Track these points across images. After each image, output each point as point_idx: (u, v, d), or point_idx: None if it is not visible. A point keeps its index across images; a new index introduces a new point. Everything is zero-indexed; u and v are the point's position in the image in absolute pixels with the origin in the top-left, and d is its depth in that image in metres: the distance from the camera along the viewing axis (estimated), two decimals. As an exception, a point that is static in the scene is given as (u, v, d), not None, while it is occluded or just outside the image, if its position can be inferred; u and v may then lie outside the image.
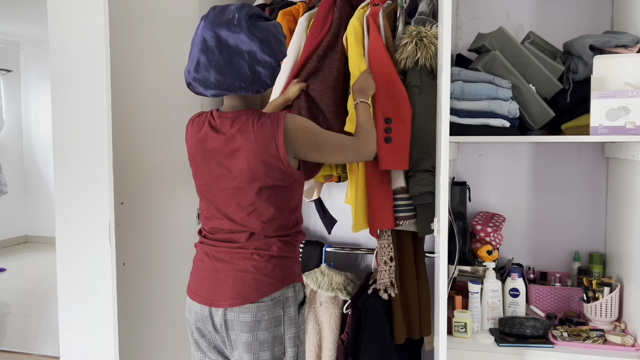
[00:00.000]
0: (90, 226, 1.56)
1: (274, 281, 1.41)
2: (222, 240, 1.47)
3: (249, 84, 1.37)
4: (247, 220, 1.43)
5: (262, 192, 1.41)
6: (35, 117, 6.26)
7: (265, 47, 1.35)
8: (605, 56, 1.78)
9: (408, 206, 1.90)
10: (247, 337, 1.39)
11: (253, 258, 1.42)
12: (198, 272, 1.49)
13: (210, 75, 1.36)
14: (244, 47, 1.34)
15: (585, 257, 2.19)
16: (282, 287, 1.42)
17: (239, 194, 1.42)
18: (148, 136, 1.82)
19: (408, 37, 1.80)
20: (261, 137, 1.38)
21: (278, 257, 1.44)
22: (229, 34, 1.34)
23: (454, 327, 1.85)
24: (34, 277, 4.88)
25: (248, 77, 1.36)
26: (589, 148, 2.20)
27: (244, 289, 1.39)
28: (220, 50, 1.34)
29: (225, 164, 1.42)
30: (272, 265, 1.42)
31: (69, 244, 1.59)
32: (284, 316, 1.42)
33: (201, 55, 1.36)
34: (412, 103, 1.83)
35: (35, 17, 4.83)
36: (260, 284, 1.40)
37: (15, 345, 3.32)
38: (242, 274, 1.41)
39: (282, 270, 1.44)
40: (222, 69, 1.35)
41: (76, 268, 1.58)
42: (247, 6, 1.38)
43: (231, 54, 1.34)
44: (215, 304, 1.41)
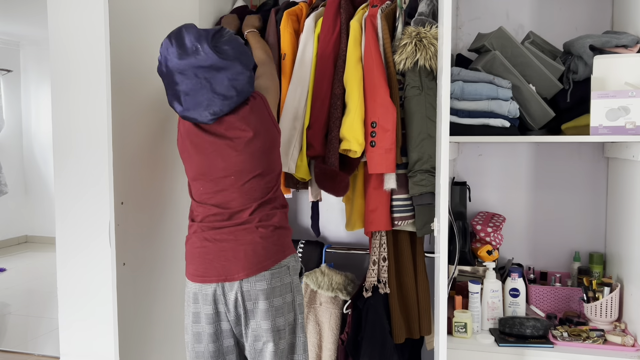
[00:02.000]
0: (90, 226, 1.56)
1: (281, 249, 1.53)
2: (221, 221, 1.53)
3: (236, 98, 1.49)
4: (250, 187, 1.53)
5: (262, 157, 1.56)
6: (35, 117, 6.26)
7: (237, 66, 1.47)
8: (605, 56, 1.78)
9: (406, 207, 1.91)
10: (263, 304, 1.47)
11: (259, 231, 1.51)
12: (201, 257, 1.53)
13: (202, 103, 1.47)
14: (217, 64, 1.45)
15: (585, 257, 2.19)
16: (287, 256, 1.54)
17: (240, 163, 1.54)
18: (148, 136, 1.82)
19: (407, 37, 1.80)
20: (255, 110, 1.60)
21: (279, 228, 1.55)
22: (200, 54, 1.44)
23: (454, 327, 1.85)
24: (34, 277, 4.88)
25: (234, 96, 1.48)
26: (589, 148, 2.20)
27: (256, 258, 1.49)
28: (195, 74, 1.45)
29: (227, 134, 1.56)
30: (277, 236, 1.54)
31: (69, 244, 1.58)
32: (292, 283, 1.54)
33: (184, 87, 1.46)
34: (411, 103, 1.83)
35: (35, 17, 4.82)
36: (270, 252, 1.51)
37: (15, 345, 3.32)
38: (251, 245, 1.50)
39: (284, 240, 1.56)
40: (208, 95, 1.46)
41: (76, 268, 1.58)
42: (202, 34, 1.46)
43: (209, 80, 1.45)
44: (229, 278, 1.48)
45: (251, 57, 1.53)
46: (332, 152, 1.88)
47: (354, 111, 1.84)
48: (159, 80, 1.90)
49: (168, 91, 1.51)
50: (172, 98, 1.50)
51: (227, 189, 1.53)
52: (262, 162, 1.54)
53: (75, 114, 1.55)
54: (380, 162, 1.82)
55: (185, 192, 2.02)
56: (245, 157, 1.51)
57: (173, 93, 1.49)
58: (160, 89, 1.91)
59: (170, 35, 1.47)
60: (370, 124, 1.84)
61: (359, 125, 1.83)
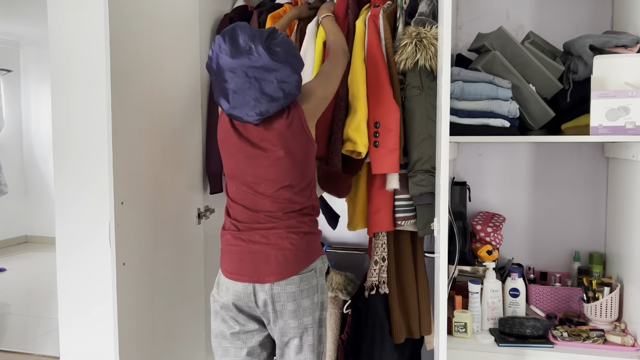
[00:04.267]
0: (90, 226, 1.56)
1: (309, 254, 1.59)
2: (252, 222, 1.58)
3: (283, 100, 1.49)
4: (279, 195, 1.56)
5: (294, 168, 1.57)
6: (35, 117, 6.25)
7: (287, 69, 1.47)
8: (605, 56, 1.78)
9: (408, 207, 1.91)
10: (292, 305, 1.55)
11: (290, 237, 1.57)
12: (234, 255, 1.59)
13: (249, 102, 1.48)
14: (270, 74, 1.46)
15: (585, 257, 2.19)
16: (315, 260, 1.60)
17: (273, 173, 1.57)
18: (148, 136, 1.82)
19: (408, 38, 1.80)
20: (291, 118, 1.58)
21: (309, 234, 1.61)
22: (254, 53, 1.45)
23: (454, 327, 1.85)
24: (34, 277, 4.88)
25: (281, 98, 1.48)
26: (589, 148, 2.20)
27: (287, 264, 1.55)
28: (245, 74, 1.46)
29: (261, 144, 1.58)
30: (306, 242, 1.59)
31: (68, 243, 1.59)
32: (318, 284, 1.60)
33: (232, 86, 1.48)
34: (412, 104, 1.83)
35: (35, 17, 4.82)
36: (300, 258, 1.57)
37: (15, 345, 3.32)
38: (282, 251, 1.55)
39: (313, 245, 1.62)
40: (256, 95, 1.47)
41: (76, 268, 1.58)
42: (257, 34, 1.47)
43: (259, 80, 1.46)
44: (261, 280, 1.54)
45: (301, 61, 1.54)
46: (335, 154, 1.88)
47: (360, 112, 1.83)
48: (159, 80, 1.90)
49: (215, 88, 1.52)
50: (219, 95, 1.51)
51: (259, 194, 1.57)
52: (292, 175, 1.56)
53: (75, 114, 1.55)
54: (384, 163, 1.82)
55: (185, 192, 2.02)
56: (275, 169, 1.55)
57: (221, 90, 1.50)
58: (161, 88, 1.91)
59: (224, 33, 1.48)
60: (373, 124, 1.83)
61: (365, 126, 1.83)
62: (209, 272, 2.16)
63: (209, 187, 2.19)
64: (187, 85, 2.06)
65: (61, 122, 1.56)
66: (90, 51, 1.52)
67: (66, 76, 1.54)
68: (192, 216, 2.06)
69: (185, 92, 2.06)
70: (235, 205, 1.62)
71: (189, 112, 2.08)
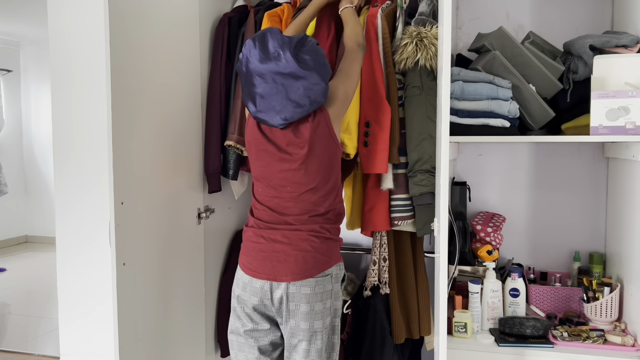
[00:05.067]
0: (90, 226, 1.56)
1: (328, 259, 1.59)
2: (275, 223, 1.61)
3: (309, 107, 1.51)
4: (304, 198, 1.58)
5: (320, 173, 1.59)
6: (35, 117, 6.25)
7: (315, 77, 1.49)
8: (605, 56, 1.78)
9: (406, 207, 1.91)
10: (305, 307, 1.56)
11: (311, 239, 1.58)
12: (255, 252, 1.62)
13: (275, 107, 1.50)
14: (297, 81, 1.49)
15: (585, 257, 2.19)
16: (333, 265, 1.61)
17: (298, 176, 1.58)
18: (148, 136, 1.82)
19: (408, 37, 1.80)
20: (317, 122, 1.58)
21: (330, 240, 1.61)
22: (282, 60, 1.47)
23: (454, 327, 1.85)
24: (34, 277, 4.88)
25: (306, 104, 1.50)
26: (589, 148, 2.20)
27: (305, 265, 1.56)
28: (276, 84, 1.49)
29: (288, 149, 1.60)
30: (326, 246, 1.60)
31: (69, 244, 1.59)
32: (332, 290, 1.60)
33: (260, 90, 1.51)
34: (412, 103, 1.83)
35: (35, 17, 4.82)
36: (318, 261, 1.58)
37: (15, 345, 3.32)
38: (302, 252, 1.57)
39: (332, 251, 1.62)
40: (282, 101, 1.50)
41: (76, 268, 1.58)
42: (286, 41, 1.49)
43: (286, 87, 1.49)
44: (278, 279, 1.56)
45: (329, 69, 1.56)
46: None
47: (349, 114, 1.84)
48: (159, 79, 1.90)
49: (244, 90, 1.55)
50: (247, 98, 1.54)
51: (284, 197, 1.59)
52: (318, 177, 1.58)
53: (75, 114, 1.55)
54: (373, 162, 1.82)
55: (185, 192, 2.02)
56: (301, 172, 1.56)
57: (249, 93, 1.53)
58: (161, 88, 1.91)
59: (255, 38, 1.51)
60: (364, 124, 1.83)
61: (355, 127, 1.83)
62: (209, 272, 2.16)
63: (208, 187, 2.19)
64: (187, 85, 2.06)
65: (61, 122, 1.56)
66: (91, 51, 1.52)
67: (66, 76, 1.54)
68: (192, 216, 2.06)
69: (185, 91, 2.06)
70: (260, 206, 1.64)
71: (189, 111, 2.08)
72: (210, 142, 2.17)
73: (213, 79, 2.20)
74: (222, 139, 2.18)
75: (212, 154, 2.15)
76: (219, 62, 2.20)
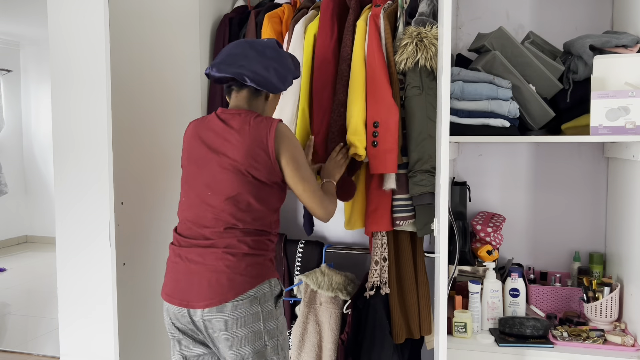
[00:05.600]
0: (90, 226, 1.56)
1: (249, 279, 1.45)
2: (193, 238, 1.51)
3: (279, 81, 1.56)
4: (224, 208, 1.48)
5: (245, 182, 1.49)
6: (35, 117, 6.25)
7: (285, 60, 1.59)
8: (605, 56, 1.78)
9: (407, 207, 1.91)
10: (225, 334, 1.44)
11: (226, 257, 1.45)
12: (173, 274, 1.53)
13: (241, 69, 1.53)
14: (268, 53, 1.57)
15: (585, 257, 2.19)
16: (258, 284, 1.46)
17: (222, 181, 1.49)
18: (148, 136, 1.82)
19: (408, 37, 1.80)
20: (255, 130, 1.50)
21: (250, 255, 1.47)
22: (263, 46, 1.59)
23: (454, 327, 1.85)
24: (34, 277, 4.88)
25: (280, 75, 1.56)
26: (589, 148, 2.20)
27: (220, 288, 1.43)
28: (253, 50, 1.57)
29: (220, 149, 1.51)
30: (245, 264, 1.46)
31: (69, 244, 1.59)
32: (262, 312, 1.46)
33: (234, 51, 1.57)
34: (412, 103, 1.83)
35: (35, 17, 4.82)
36: (235, 282, 1.44)
37: (15, 345, 3.32)
38: (216, 274, 1.44)
39: (255, 268, 1.47)
40: (250, 61, 1.54)
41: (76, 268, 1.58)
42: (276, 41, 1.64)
43: (259, 55, 1.56)
44: (191, 305, 1.45)
45: (298, 71, 1.67)
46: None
47: (356, 115, 1.84)
48: (159, 80, 1.90)
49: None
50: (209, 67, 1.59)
51: (202, 205, 1.50)
52: (243, 188, 1.48)
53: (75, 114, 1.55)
54: (382, 163, 1.82)
55: (185, 192, 2.02)
56: (223, 177, 1.48)
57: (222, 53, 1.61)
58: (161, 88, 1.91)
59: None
60: (372, 124, 1.83)
61: (362, 128, 1.83)
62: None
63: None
64: (187, 85, 2.06)
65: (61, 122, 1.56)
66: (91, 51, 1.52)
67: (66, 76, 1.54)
68: (192, 216, 2.06)
69: (185, 92, 2.06)
70: (181, 216, 1.57)
71: (189, 112, 2.08)
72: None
73: (213, 79, 2.20)
74: (222, 139, 2.18)
75: (212, 154, 2.15)
76: (219, 62, 2.20)
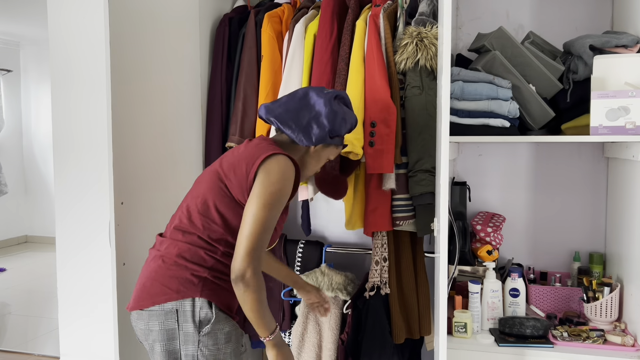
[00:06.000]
0: (90, 226, 1.56)
1: (168, 291, 1.33)
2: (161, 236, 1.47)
3: (298, 131, 1.48)
4: (187, 206, 1.42)
5: (216, 188, 1.39)
6: (35, 117, 6.25)
7: (331, 116, 1.49)
8: (605, 56, 1.78)
9: (407, 207, 1.91)
10: (145, 344, 1.40)
11: (159, 260, 1.37)
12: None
13: (278, 108, 1.50)
14: (316, 107, 1.50)
15: (585, 257, 2.19)
16: (177, 299, 1.32)
17: (202, 182, 1.45)
18: (148, 136, 1.82)
19: (408, 37, 1.80)
20: (254, 149, 1.43)
21: (179, 266, 1.34)
22: (315, 96, 1.51)
23: (454, 327, 1.85)
24: (34, 277, 4.88)
25: (302, 125, 1.48)
26: (589, 148, 2.20)
27: (142, 293, 1.37)
28: (300, 100, 1.51)
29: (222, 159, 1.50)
30: (172, 273, 1.34)
31: (69, 244, 1.59)
32: (178, 330, 1.33)
33: (285, 97, 1.54)
34: (412, 103, 1.84)
35: (35, 17, 4.82)
36: (154, 291, 1.34)
37: (15, 345, 3.32)
38: (145, 278, 1.38)
39: (179, 282, 1.33)
40: (290, 109, 1.49)
41: (76, 268, 1.58)
42: (341, 93, 1.57)
43: (303, 105, 1.50)
44: (127, 306, 1.41)
45: (343, 129, 1.54)
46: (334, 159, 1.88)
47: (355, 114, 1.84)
48: (159, 80, 1.90)
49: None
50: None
51: (179, 209, 1.46)
52: (210, 195, 1.39)
53: (75, 114, 1.55)
54: (379, 163, 1.82)
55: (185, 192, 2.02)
56: (203, 183, 1.43)
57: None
58: (161, 88, 1.91)
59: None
60: (369, 124, 1.83)
61: (361, 127, 1.83)
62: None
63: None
64: (187, 85, 2.06)
65: (61, 122, 1.56)
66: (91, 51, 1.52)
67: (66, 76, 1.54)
68: (192, 216, 2.06)
69: (185, 92, 2.06)
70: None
71: (189, 112, 2.08)
72: (211, 143, 2.17)
73: (214, 80, 2.20)
74: (223, 139, 2.18)
75: (213, 154, 2.16)
76: (220, 62, 2.20)
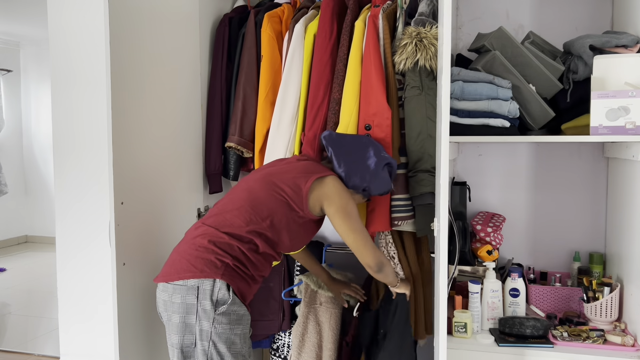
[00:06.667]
0: (90, 226, 1.56)
1: (194, 269, 1.48)
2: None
3: (343, 170, 1.70)
4: (245, 202, 1.59)
5: (270, 189, 1.60)
6: (35, 117, 6.25)
7: (374, 177, 1.69)
8: (605, 56, 1.77)
9: (406, 207, 1.91)
10: (165, 315, 1.53)
11: (194, 241, 1.53)
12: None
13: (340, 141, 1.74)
14: (368, 162, 1.70)
15: (585, 257, 2.19)
16: (200, 278, 1.47)
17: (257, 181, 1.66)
18: (148, 136, 1.82)
19: (408, 37, 1.80)
20: (312, 165, 1.69)
21: (208, 250, 1.50)
22: (372, 153, 1.71)
23: (454, 327, 1.85)
24: (34, 277, 4.88)
25: (348, 168, 1.69)
26: (589, 148, 2.20)
27: (170, 269, 1.52)
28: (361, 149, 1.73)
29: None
30: (201, 253, 1.50)
31: (69, 244, 1.59)
32: (197, 306, 1.47)
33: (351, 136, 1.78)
34: (412, 104, 1.83)
35: (35, 17, 4.82)
36: (182, 267, 1.50)
37: (15, 345, 3.32)
38: (176, 254, 1.55)
39: (205, 263, 1.49)
40: (349, 151, 1.73)
41: (76, 268, 1.58)
42: (392, 162, 1.75)
43: (360, 155, 1.71)
44: (155, 277, 1.57)
45: (382, 189, 1.74)
46: None
47: (347, 116, 1.85)
48: (159, 80, 1.90)
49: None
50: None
51: (235, 194, 1.65)
52: (253, 201, 1.59)
53: (75, 114, 1.55)
54: None
55: (184, 192, 2.02)
56: (248, 189, 1.62)
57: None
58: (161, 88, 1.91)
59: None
60: (364, 127, 1.84)
61: (354, 129, 1.84)
62: (209, 272, 2.15)
63: (209, 187, 2.19)
64: (187, 85, 2.06)
65: (61, 122, 1.56)
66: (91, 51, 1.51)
67: (66, 76, 1.54)
68: (192, 216, 2.06)
69: (185, 92, 2.06)
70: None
71: (189, 112, 2.08)
72: (211, 143, 2.17)
73: (213, 80, 2.20)
74: (222, 139, 2.18)
75: (212, 154, 2.16)
76: (220, 62, 2.20)
